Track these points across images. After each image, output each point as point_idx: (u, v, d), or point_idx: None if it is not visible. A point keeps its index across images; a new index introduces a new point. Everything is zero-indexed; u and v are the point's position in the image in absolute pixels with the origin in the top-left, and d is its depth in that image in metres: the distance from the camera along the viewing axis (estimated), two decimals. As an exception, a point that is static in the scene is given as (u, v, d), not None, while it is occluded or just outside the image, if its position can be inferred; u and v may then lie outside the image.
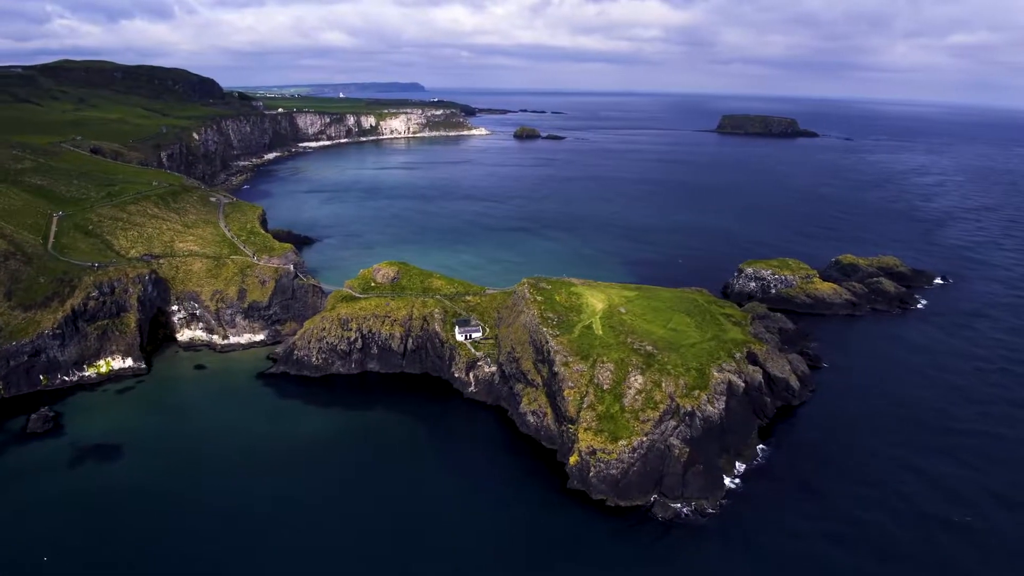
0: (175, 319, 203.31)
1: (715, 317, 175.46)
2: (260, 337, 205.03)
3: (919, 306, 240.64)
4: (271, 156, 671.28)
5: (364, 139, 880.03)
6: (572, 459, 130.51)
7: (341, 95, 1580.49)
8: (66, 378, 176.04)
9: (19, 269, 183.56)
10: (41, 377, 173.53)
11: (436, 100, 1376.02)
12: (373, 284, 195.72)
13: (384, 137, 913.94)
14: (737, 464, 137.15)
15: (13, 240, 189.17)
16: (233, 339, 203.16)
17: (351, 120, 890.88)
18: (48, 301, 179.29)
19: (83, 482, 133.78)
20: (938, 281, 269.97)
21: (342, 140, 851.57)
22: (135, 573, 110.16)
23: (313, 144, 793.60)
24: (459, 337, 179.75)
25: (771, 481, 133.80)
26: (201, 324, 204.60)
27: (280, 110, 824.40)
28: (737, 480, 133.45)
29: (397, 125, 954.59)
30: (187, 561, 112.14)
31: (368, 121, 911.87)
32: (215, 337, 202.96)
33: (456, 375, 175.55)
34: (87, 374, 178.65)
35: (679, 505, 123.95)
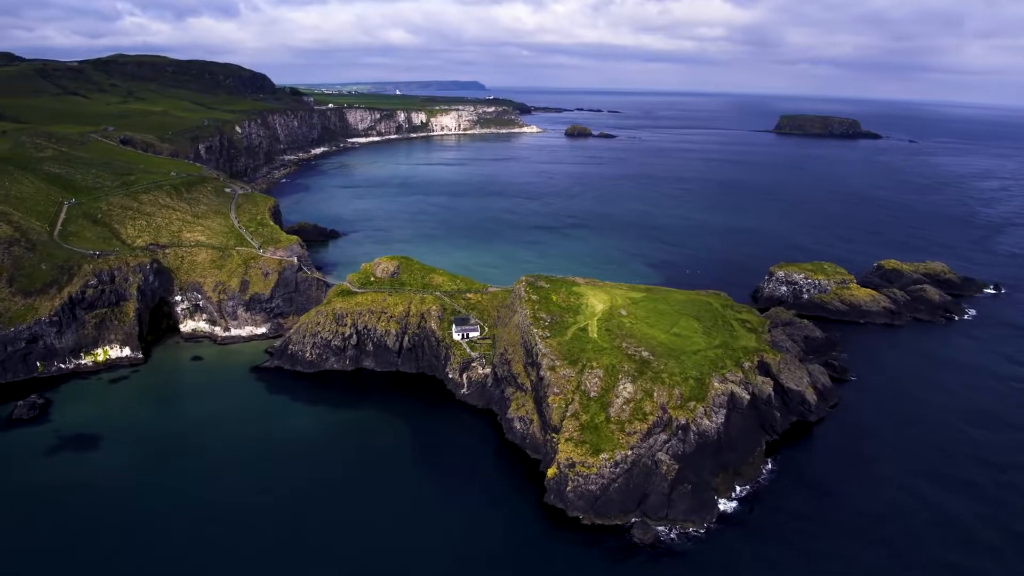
0: (178, 310, 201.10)
1: (728, 322, 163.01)
2: (262, 330, 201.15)
3: (966, 317, 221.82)
4: (318, 151, 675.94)
5: (414, 135, 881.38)
6: (550, 471, 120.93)
7: (397, 92, 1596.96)
8: (62, 365, 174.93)
9: (22, 255, 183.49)
10: (38, 364, 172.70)
11: (492, 98, 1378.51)
12: (372, 279, 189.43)
13: (434, 134, 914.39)
14: (736, 484, 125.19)
15: (19, 227, 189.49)
16: (234, 331, 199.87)
17: (401, 116, 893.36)
18: (47, 288, 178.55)
19: (55, 471, 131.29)
20: (989, 291, 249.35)
21: (392, 136, 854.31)
22: (93, 565, 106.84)
23: (362, 140, 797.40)
24: (456, 336, 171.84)
25: (771, 506, 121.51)
26: (204, 315, 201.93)
27: (330, 106, 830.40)
28: (734, 502, 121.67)
29: (448, 122, 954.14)
30: (144, 554, 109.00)
31: (419, 117, 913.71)
32: (217, 329, 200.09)
33: (450, 376, 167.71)
34: (84, 362, 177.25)
35: (663, 527, 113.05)
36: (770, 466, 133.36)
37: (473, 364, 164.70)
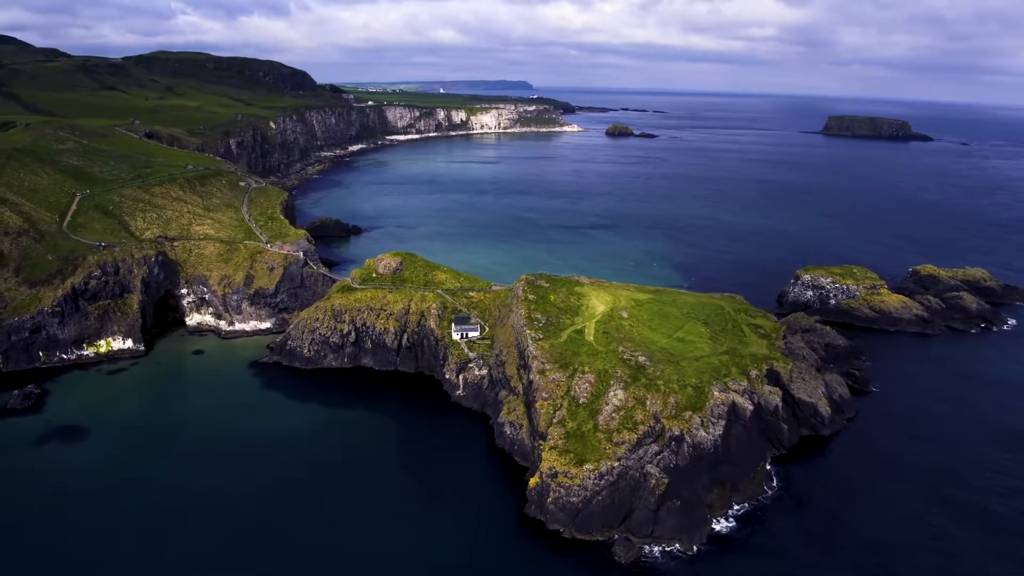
0: (184, 303, 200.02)
1: (739, 327, 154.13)
2: (266, 325, 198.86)
3: (1005, 327, 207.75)
4: (355, 148, 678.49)
5: (453, 133, 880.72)
6: (532, 481, 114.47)
7: (441, 91, 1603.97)
8: (64, 356, 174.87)
9: (30, 246, 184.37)
10: (40, 354, 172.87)
11: (536, 97, 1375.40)
12: (375, 275, 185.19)
13: (474, 132, 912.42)
14: (733, 502, 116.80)
15: (29, 217, 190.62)
16: (238, 326, 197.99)
17: (441, 114, 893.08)
18: (51, 279, 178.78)
19: (37, 461, 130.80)
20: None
21: (431, 134, 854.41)
22: (58, 557, 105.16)
23: (401, 137, 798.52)
24: (455, 336, 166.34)
25: (768, 527, 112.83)
26: (210, 309, 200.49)
27: (370, 103, 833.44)
28: (729, 521, 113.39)
29: (487, 120, 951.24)
30: (110, 544, 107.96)
31: (458, 116, 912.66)
32: (222, 323, 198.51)
33: (447, 376, 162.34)
34: (86, 353, 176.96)
35: (648, 546, 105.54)
36: (774, 483, 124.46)
37: (470, 365, 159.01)
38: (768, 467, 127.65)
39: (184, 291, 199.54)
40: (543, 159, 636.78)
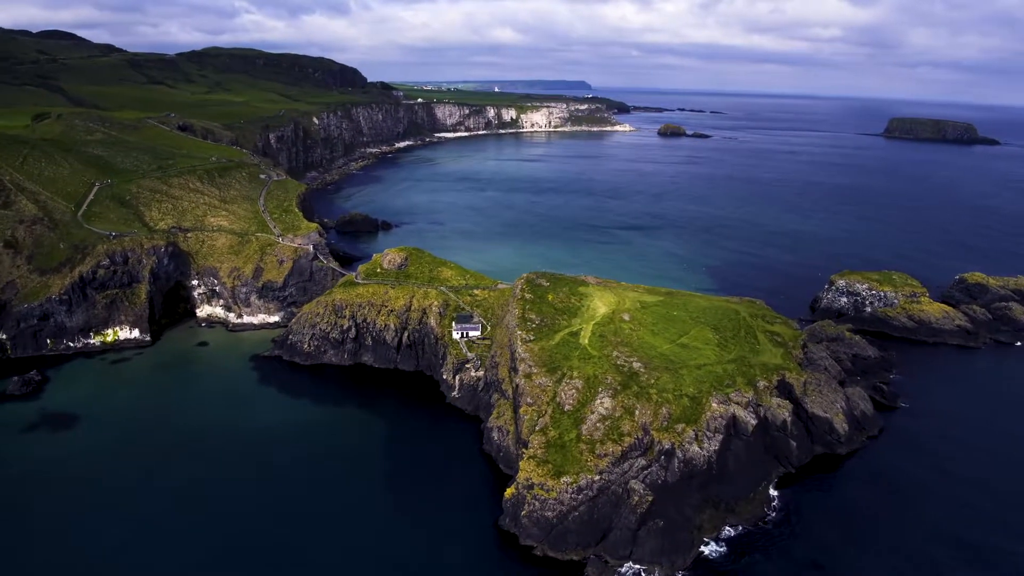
0: (195, 294, 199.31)
1: (753, 334, 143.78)
2: (275, 318, 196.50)
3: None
4: (402, 144, 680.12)
5: (503, 132, 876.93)
6: (508, 491, 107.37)
7: (496, 89, 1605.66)
8: (71, 344, 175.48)
9: (43, 234, 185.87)
10: (48, 341, 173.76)
11: (590, 96, 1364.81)
12: (379, 270, 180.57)
13: (524, 130, 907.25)
14: (727, 524, 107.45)
15: (45, 206, 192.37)
16: (246, 319, 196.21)
17: (491, 112, 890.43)
18: (61, 267, 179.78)
19: (23, 447, 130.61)
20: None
21: (480, 132, 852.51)
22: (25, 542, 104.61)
23: (450, 135, 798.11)
24: (455, 335, 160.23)
25: (762, 553, 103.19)
26: (220, 301, 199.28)
27: (419, 100, 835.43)
28: (721, 545, 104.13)
29: (538, 119, 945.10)
30: (76, 533, 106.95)
31: (508, 114, 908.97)
32: (231, 315, 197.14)
33: (444, 376, 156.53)
34: (92, 342, 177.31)
35: (624, 568, 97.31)
36: (777, 504, 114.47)
37: (467, 366, 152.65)
38: (772, 487, 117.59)
39: (195, 282, 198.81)
40: (588, 158, 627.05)
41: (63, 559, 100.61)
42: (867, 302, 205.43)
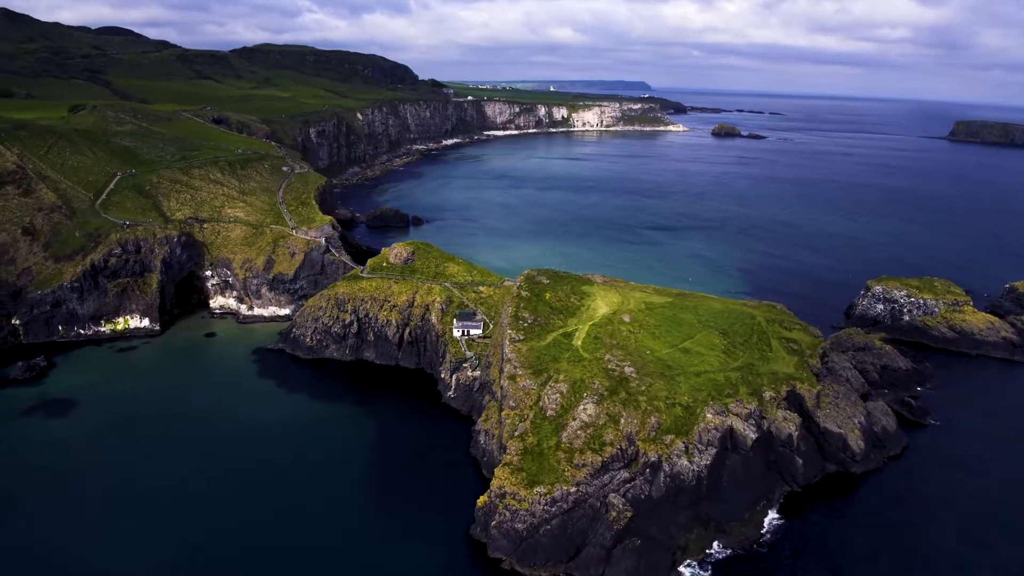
0: (209, 285, 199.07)
1: (766, 341, 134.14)
2: (285, 311, 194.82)
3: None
4: (450, 142, 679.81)
5: (554, 130, 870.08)
6: (481, 499, 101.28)
7: (551, 88, 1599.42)
8: (82, 331, 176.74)
9: (61, 222, 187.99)
10: (60, 328, 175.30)
11: (646, 96, 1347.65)
12: (385, 264, 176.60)
13: (575, 129, 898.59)
14: (715, 545, 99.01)
15: (64, 194, 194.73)
16: (257, 311, 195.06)
17: (542, 111, 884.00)
18: (75, 254, 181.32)
19: (16, 431, 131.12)
20: None
21: (530, 130, 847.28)
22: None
23: (500, 133, 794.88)
24: (456, 333, 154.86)
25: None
26: (233, 292, 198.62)
27: (469, 98, 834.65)
28: (705, 569, 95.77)
29: (590, 118, 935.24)
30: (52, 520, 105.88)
31: (559, 112, 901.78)
32: (243, 307, 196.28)
33: (442, 375, 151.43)
34: (103, 330, 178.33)
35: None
36: (774, 526, 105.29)
37: (464, 365, 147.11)
38: (772, 508, 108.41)
39: (208, 273, 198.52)
40: (635, 157, 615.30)
41: (36, 549, 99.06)
42: (905, 310, 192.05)
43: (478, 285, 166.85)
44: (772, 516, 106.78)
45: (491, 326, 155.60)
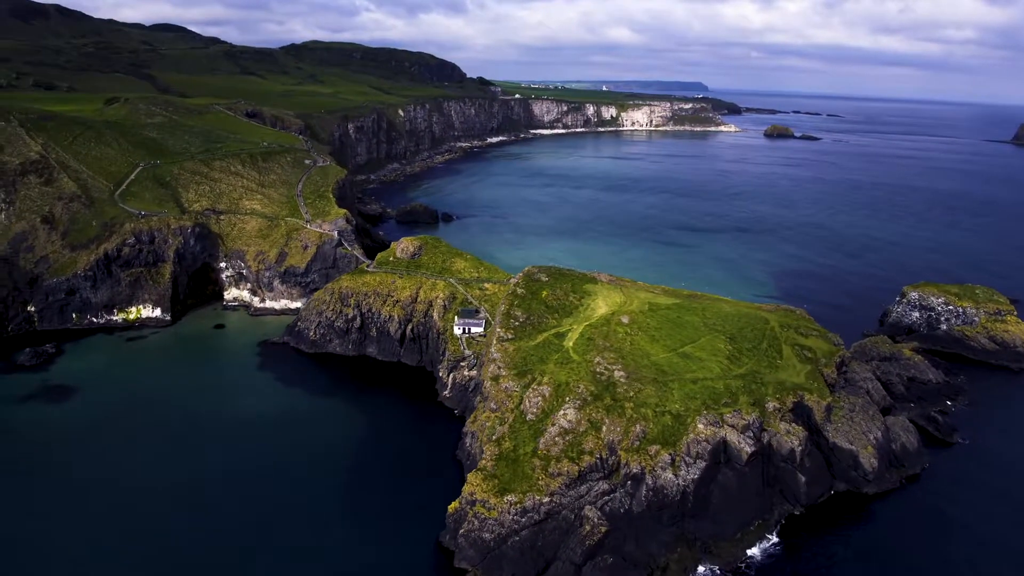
0: (223, 276, 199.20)
1: (777, 347, 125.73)
2: (297, 304, 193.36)
3: None
4: (495, 140, 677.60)
5: (602, 129, 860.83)
6: (452, 505, 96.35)
7: (604, 87, 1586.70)
8: (94, 319, 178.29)
9: (79, 211, 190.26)
10: (73, 315, 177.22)
11: (700, 96, 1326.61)
12: (392, 258, 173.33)
13: (624, 128, 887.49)
14: (700, 566, 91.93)
15: (84, 184, 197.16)
16: (268, 303, 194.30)
17: (590, 110, 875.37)
18: (90, 243, 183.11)
19: (13, 416, 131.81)
20: None
21: (578, 129, 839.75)
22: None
23: (547, 131, 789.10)
24: (456, 330, 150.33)
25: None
26: (247, 284, 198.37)
27: (516, 96, 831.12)
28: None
29: (639, 117, 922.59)
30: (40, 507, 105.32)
31: (608, 112, 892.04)
32: (255, 299, 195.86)
33: (440, 374, 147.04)
34: (115, 319, 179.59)
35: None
36: (769, 548, 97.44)
37: (462, 364, 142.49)
38: (768, 529, 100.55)
39: (223, 264, 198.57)
40: (681, 157, 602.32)
41: (20, 534, 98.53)
42: (942, 318, 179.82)
43: (484, 282, 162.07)
44: (768, 537, 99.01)
45: (492, 324, 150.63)
